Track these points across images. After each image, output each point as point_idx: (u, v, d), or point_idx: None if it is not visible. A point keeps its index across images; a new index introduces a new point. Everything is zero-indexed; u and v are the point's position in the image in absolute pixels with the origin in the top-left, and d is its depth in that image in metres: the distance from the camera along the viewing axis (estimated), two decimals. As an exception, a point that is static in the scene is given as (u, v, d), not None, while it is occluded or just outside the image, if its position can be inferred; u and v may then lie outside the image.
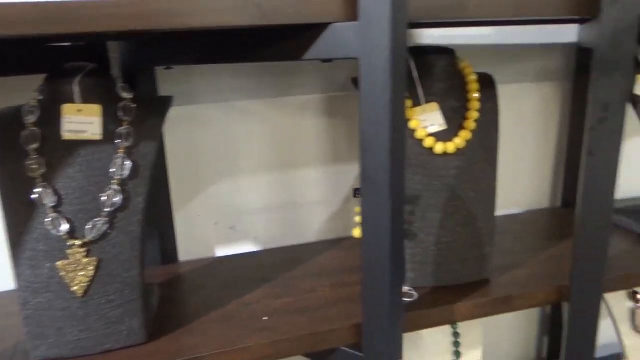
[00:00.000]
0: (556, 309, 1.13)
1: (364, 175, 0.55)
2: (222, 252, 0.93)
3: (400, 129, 0.54)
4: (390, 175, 0.54)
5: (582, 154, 0.63)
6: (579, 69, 0.99)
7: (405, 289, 0.71)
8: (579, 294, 0.67)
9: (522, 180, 1.07)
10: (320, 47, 0.54)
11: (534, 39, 0.98)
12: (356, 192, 0.65)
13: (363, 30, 0.51)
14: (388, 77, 0.51)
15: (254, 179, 0.91)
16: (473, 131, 0.71)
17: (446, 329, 0.80)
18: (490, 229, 0.72)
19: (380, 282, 0.57)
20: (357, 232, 0.68)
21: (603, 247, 0.64)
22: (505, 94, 0.99)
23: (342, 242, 0.92)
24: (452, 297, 0.69)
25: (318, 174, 0.94)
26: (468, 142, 0.71)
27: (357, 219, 0.68)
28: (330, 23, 0.53)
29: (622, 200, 1.07)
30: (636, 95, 0.83)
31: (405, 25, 0.51)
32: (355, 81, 0.75)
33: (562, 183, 1.07)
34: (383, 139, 0.53)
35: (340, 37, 0.53)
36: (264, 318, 0.66)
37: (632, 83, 0.60)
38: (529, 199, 1.08)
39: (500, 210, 1.06)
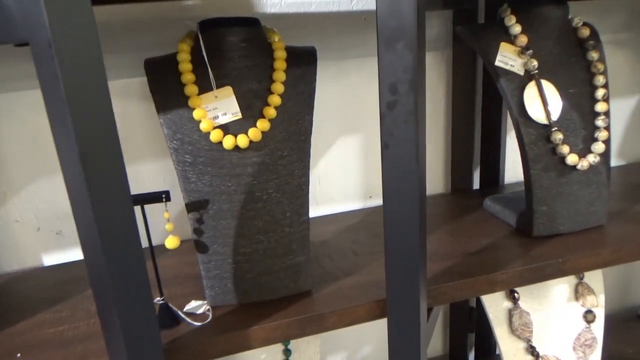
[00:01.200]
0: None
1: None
2: (51, 260, 0.83)
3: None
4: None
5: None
6: (456, 37, 0.86)
7: (200, 308, 0.60)
8: (393, 305, 0.56)
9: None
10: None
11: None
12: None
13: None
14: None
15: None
16: (274, 119, 0.59)
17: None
18: (302, 234, 0.61)
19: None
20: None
21: (414, 252, 0.53)
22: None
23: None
24: (251, 319, 0.58)
25: (156, 168, 0.82)
26: (267, 132, 0.59)
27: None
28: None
29: (510, 185, 0.96)
30: (498, 67, 0.71)
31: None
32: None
33: (450, 165, 0.96)
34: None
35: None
36: (18, 355, 0.56)
37: (423, 58, 0.48)
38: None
39: (376, 200, 0.95)
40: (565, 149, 0.70)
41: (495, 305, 0.81)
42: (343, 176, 0.93)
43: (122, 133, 0.80)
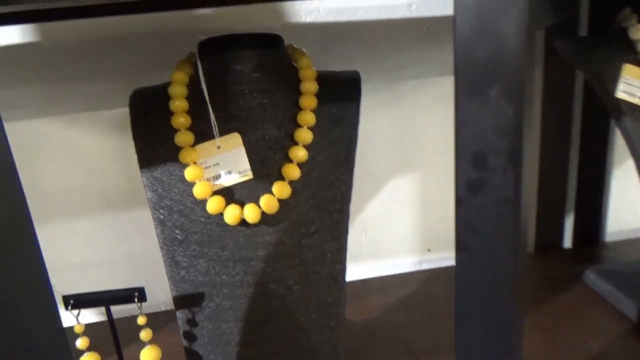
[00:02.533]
0: None
1: None
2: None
3: None
4: None
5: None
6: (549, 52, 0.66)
7: None
8: None
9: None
10: None
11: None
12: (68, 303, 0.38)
13: None
14: None
15: (68, 224, 0.66)
16: (297, 181, 0.42)
17: None
18: (332, 342, 0.43)
19: None
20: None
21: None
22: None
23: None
24: None
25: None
26: (287, 200, 0.42)
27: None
28: None
29: (614, 244, 0.73)
30: (620, 100, 0.50)
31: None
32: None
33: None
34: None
35: None
36: None
37: (530, 112, 0.29)
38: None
39: (436, 254, 0.76)
40: None
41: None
42: (395, 224, 0.74)
43: (125, 174, 0.71)
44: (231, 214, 0.40)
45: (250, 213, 0.40)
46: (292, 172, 0.41)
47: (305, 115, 0.43)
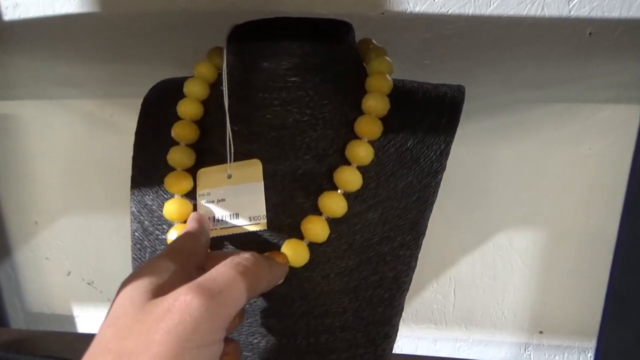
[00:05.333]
0: None
1: None
2: (82, 312, 0.64)
3: None
4: None
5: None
6: None
7: None
8: None
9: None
10: None
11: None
12: None
13: None
14: None
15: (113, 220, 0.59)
16: (324, 245, 0.27)
17: None
18: None
19: None
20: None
21: None
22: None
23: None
24: None
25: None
26: (302, 270, 0.27)
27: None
28: None
29: None
30: None
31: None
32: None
33: None
34: None
35: None
36: None
37: None
38: None
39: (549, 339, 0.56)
40: None
41: None
42: (498, 290, 0.56)
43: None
44: (223, 279, 0.27)
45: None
46: (316, 228, 0.27)
47: (359, 148, 0.28)
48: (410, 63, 0.48)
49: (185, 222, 0.28)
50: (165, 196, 0.30)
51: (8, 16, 0.52)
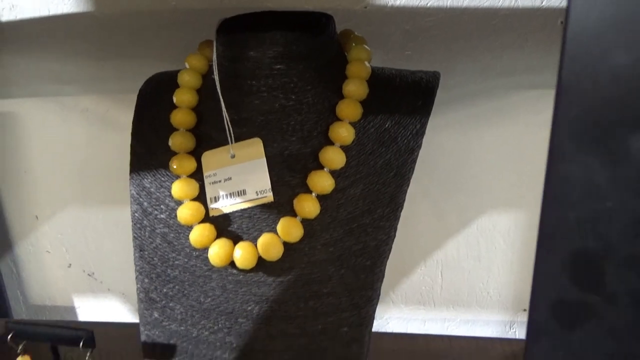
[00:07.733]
0: None
1: None
2: (83, 303, 0.66)
3: None
4: None
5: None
6: None
7: None
8: None
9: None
10: None
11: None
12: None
13: None
14: None
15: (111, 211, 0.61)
16: (315, 220, 0.30)
17: None
18: None
19: None
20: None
21: None
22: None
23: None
24: None
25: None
26: (296, 245, 0.30)
27: None
28: None
29: None
30: None
31: None
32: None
33: None
34: None
35: None
36: None
37: None
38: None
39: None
40: None
41: None
42: (483, 270, 0.58)
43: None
44: (216, 253, 0.30)
45: (242, 255, 0.29)
46: (308, 206, 0.29)
47: (340, 129, 0.30)
48: (393, 54, 0.51)
49: (192, 200, 0.31)
50: (163, 179, 0.33)
51: (5, 17, 0.54)
